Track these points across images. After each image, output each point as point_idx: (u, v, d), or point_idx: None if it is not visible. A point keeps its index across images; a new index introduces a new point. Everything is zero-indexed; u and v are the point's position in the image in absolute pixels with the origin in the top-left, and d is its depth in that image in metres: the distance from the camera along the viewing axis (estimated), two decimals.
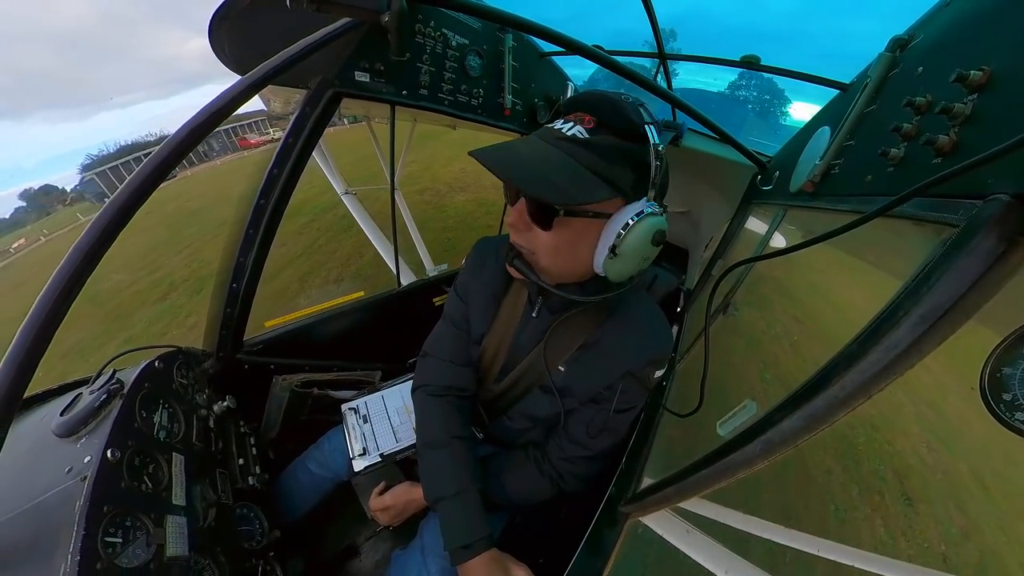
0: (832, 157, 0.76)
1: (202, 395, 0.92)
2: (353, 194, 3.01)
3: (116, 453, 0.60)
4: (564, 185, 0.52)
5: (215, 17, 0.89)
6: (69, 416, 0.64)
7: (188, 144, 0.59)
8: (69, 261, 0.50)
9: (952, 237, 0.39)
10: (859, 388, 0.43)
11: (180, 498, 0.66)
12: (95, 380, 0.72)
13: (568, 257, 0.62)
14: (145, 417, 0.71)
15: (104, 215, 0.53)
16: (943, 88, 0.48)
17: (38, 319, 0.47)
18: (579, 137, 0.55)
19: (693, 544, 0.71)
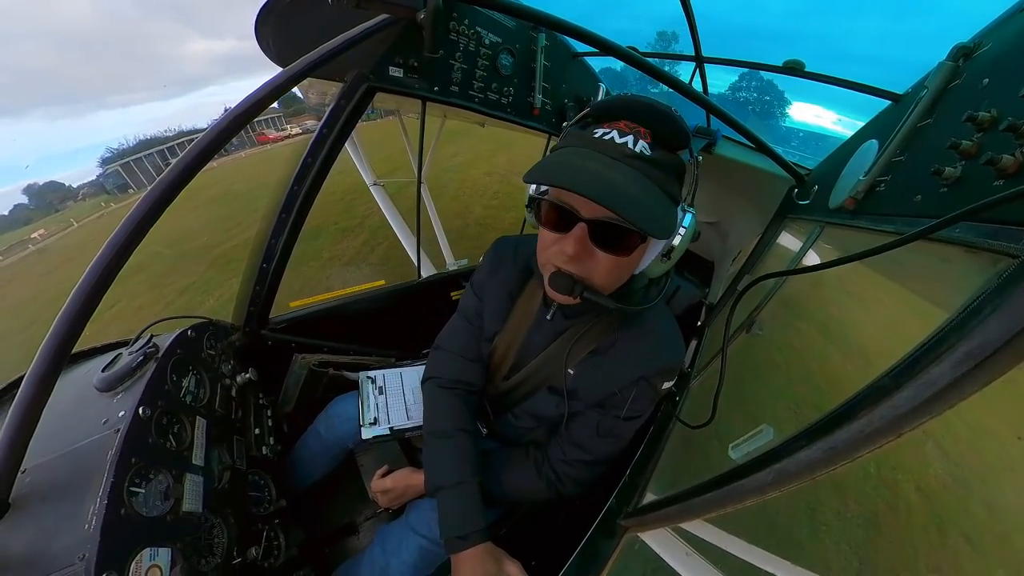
0: (878, 173, 0.70)
1: (227, 365, 0.98)
2: (381, 185, 3.11)
3: (147, 411, 0.65)
4: (659, 213, 0.54)
5: (261, 12, 0.95)
6: (109, 373, 0.70)
7: (232, 130, 0.63)
8: (121, 231, 0.55)
9: (1011, 269, 0.36)
10: (888, 424, 0.40)
11: (199, 459, 0.71)
12: (134, 343, 0.78)
13: (626, 272, 0.63)
14: (175, 381, 0.76)
15: (153, 192, 0.58)
16: (1012, 103, 0.44)
17: (90, 283, 0.52)
18: (646, 155, 0.54)
19: (691, 567, 0.69)
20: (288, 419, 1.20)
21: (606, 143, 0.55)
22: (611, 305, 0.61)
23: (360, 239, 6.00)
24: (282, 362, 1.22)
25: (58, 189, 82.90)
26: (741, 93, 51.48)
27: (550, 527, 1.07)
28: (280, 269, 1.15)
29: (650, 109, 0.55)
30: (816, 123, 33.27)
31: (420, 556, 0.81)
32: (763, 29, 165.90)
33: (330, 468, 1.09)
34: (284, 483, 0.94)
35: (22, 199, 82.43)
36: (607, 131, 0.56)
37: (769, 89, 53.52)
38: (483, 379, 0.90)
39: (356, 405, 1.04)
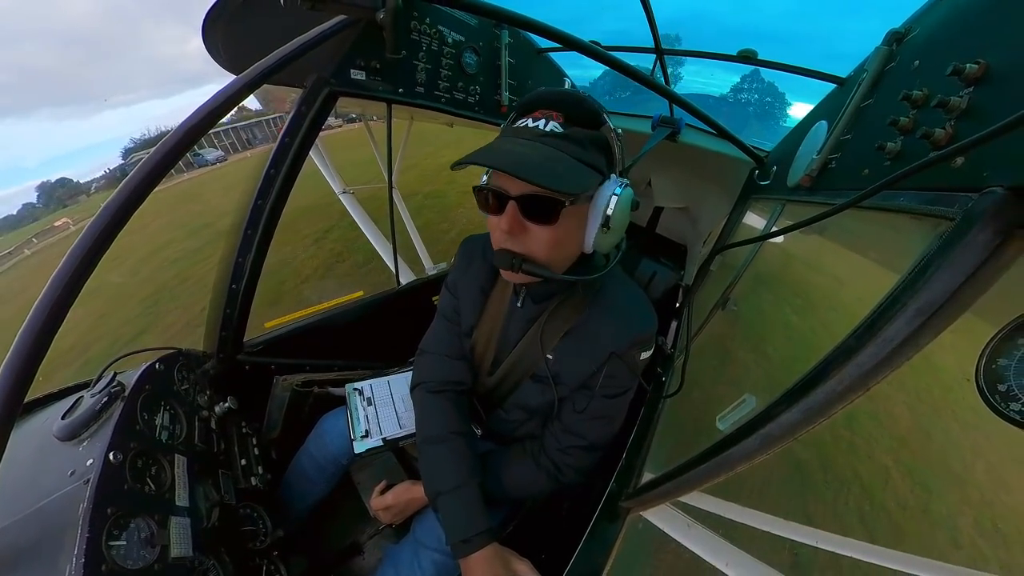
0: (829, 152, 0.76)
1: (203, 396, 0.92)
2: (351, 193, 3.00)
3: (118, 455, 0.60)
4: (570, 176, 0.57)
5: (208, 17, 0.89)
6: (71, 419, 0.64)
7: (185, 144, 0.59)
8: (67, 264, 0.50)
9: (948, 230, 0.39)
10: (856, 381, 0.44)
11: (183, 499, 0.66)
12: (96, 383, 0.72)
13: (565, 245, 0.65)
14: (147, 419, 0.71)
15: (100, 218, 0.53)
16: (939, 82, 0.48)
17: (37, 324, 0.47)
18: (557, 132, 0.60)
19: (694, 538, 0.72)
20: (275, 445, 1.14)
21: (522, 129, 0.62)
22: (552, 275, 0.65)
23: None
24: (262, 387, 1.16)
25: (67, 185, 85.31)
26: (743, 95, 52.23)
27: (555, 519, 1.08)
28: (251, 289, 1.09)
29: (561, 95, 0.62)
30: None
31: (436, 571, 0.80)
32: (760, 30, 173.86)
33: (326, 489, 1.06)
34: (279, 512, 0.90)
35: (32, 196, 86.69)
36: (525, 120, 0.63)
37: (770, 91, 54.14)
38: (470, 376, 0.90)
39: (346, 420, 1.01)
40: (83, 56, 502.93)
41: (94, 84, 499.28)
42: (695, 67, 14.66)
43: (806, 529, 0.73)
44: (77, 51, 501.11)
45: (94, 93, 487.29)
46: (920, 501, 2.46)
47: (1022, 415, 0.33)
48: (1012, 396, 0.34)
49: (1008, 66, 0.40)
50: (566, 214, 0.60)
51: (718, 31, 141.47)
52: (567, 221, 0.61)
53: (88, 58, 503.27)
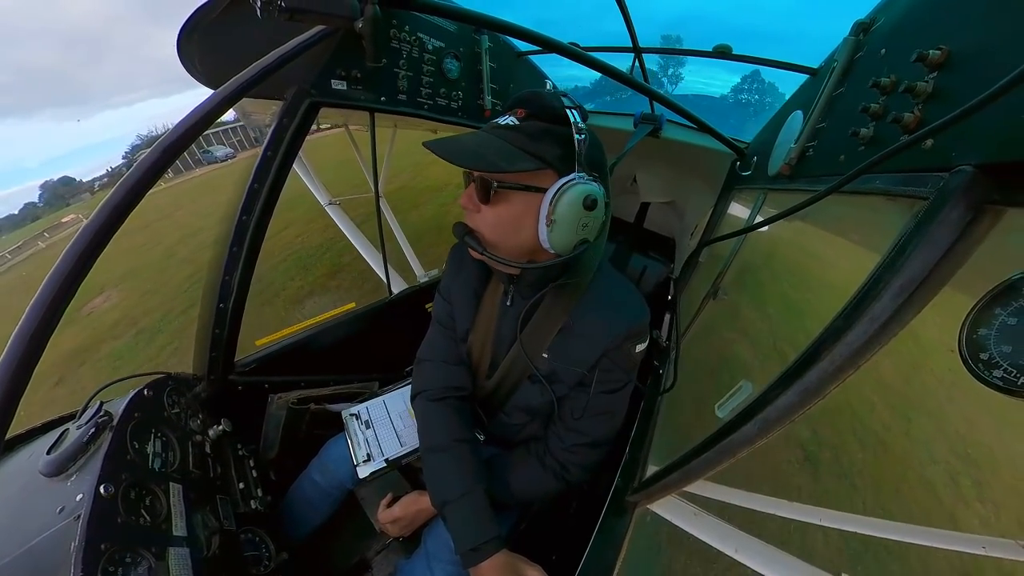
0: (806, 140, 0.78)
1: (196, 420, 0.90)
2: (337, 204, 2.97)
3: (109, 488, 0.57)
4: (492, 157, 0.60)
5: (183, 31, 0.87)
6: (56, 454, 0.61)
7: (164, 163, 0.57)
8: (47, 289, 0.48)
9: (923, 209, 0.41)
10: (847, 360, 0.45)
11: (181, 529, 0.64)
12: (81, 414, 0.69)
13: (511, 230, 0.66)
14: (137, 448, 0.68)
15: (79, 242, 0.51)
16: (905, 68, 0.50)
17: (16, 354, 0.45)
18: (511, 124, 0.63)
19: (702, 526, 0.73)
20: (274, 465, 1.12)
21: (492, 125, 0.65)
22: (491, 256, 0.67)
23: None
24: (257, 406, 1.13)
25: (70, 184, 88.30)
26: (743, 95, 53.12)
27: (563, 519, 1.08)
28: (239, 307, 1.06)
29: (531, 94, 0.64)
30: None
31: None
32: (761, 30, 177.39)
33: (330, 512, 1.04)
34: (282, 534, 0.88)
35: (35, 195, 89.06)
36: (502, 118, 0.65)
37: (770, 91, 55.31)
38: (470, 382, 0.89)
39: (347, 445, 1.00)
40: (85, 56, 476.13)
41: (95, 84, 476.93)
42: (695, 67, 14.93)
43: (809, 508, 0.74)
44: (78, 51, 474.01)
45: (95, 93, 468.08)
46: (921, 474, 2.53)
47: (1004, 381, 0.35)
48: (994, 363, 0.35)
49: (968, 50, 0.42)
50: (505, 198, 0.63)
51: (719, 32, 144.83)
52: (505, 206, 0.64)
53: (89, 58, 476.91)
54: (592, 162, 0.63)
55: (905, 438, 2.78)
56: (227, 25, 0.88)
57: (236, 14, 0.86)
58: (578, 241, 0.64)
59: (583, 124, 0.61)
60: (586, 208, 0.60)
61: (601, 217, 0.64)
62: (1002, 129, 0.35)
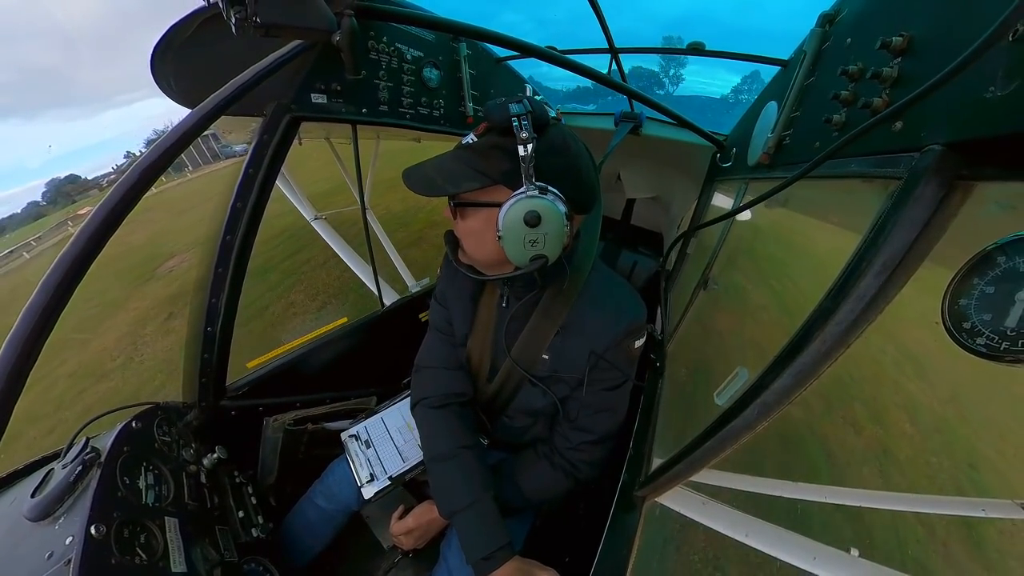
0: (782, 129, 0.81)
1: (188, 450, 0.86)
2: (323, 219, 2.93)
3: (101, 528, 0.55)
4: (440, 182, 0.63)
5: (156, 50, 0.85)
6: (41, 496, 0.58)
7: (144, 183, 0.56)
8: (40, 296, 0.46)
9: (898, 189, 0.43)
10: (838, 339, 0.46)
11: (180, 564, 0.61)
12: (66, 452, 0.66)
13: (478, 242, 0.68)
14: (128, 483, 0.66)
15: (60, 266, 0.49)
16: (871, 55, 0.52)
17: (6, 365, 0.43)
18: (468, 143, 0.64)
19: (710, 514, 0.73)
20: (273, 490, 1.08)
21: (457, 145, 0.67)
22: (468, 263, 0.72)
23: None
24: (252, 431, 1.10)
25: (76, 181, 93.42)
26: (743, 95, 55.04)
27: (573, 520, 1.08)
28: (228, 330, 1.03)
29: (489, 107, 0.62)
30: None
31: None
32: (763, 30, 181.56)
33: (333, 536, 1.01)
34: (286, 561, 0.85)
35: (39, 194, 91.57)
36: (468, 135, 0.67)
37: None
38: (471, 386, 0.89)
39: (348, 468, 0.98)
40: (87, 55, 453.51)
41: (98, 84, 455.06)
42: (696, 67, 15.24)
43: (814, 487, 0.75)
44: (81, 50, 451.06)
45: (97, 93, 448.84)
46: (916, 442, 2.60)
47: (987, 347, 0.36)
48: (976, 332, 0.36)
49: (929, 35, 0.44)
50: (465, 214, 0.67)
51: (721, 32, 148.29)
52: (471, 221, 0.67)
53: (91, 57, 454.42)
54: (553, 171, 0.60)
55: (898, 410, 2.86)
56: (202, 43, 0.86)
57: (211, 31, 0.85)
58: (532, 256, 0.62)
59: (528, 134, 0.56)
60: (528, 224, 0.58)
61: (557, 229, 0.60)
62: (966, 107, 0.36)
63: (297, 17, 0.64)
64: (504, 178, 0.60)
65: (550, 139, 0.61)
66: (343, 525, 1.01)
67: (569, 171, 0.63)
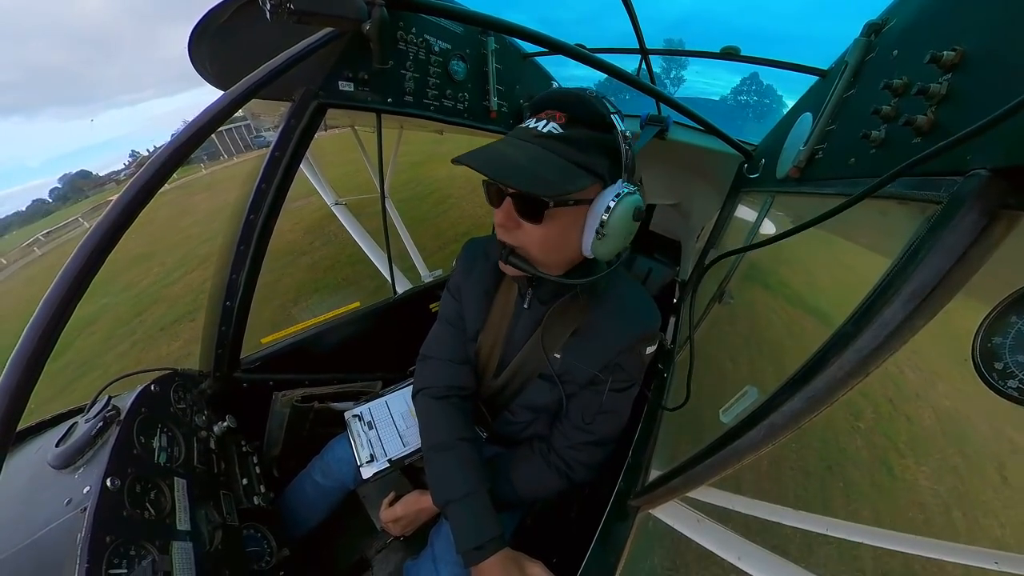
0: (815, 142, 0.77)
1: (201, 416, 0.91)
2: (344, 205, 2.99)
3: (116, 481, 0.58)
4: (552, 178, 0.56)
5: (194, 33, 0.88)
6: (65, 447, 0.62)
7: (174, 163, 0.58)
8: (58, 288, 0.49)
9: (936, 214, 0.40)
10: (856, 366, 0.44)
11: (185, 523, 0.65)
12: (90, 408, 0.70)
13: (559, 245, 0.65)
14: (144, 442, 0.69)
15: (92, 237, 0.52)
16: (918, 69, 0.49)
17: (28, 349, 0.46)
18: (555, 133, 0.59)
19: (704, 533, 0.72)
20: (277, 463, 1.12)
21: (524, 130, 0.62)
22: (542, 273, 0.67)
23: None
24: (261, 404, 1.14)
25: (88, 177, 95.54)
26: (742, 96, 55.67)
27: (565, 522, 1.07)
28: (246, 305, 1.08)
29: (568, 96, 0.60)
30: None
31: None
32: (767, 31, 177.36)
33: (330, 512, 1.04)
34: (283, 531, 0.89)
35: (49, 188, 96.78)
36: (530, 121, 0.63)
37: (768, 93, 57.88)
38: (474, 381, 0.90)
39: (349, 446, 1.00)
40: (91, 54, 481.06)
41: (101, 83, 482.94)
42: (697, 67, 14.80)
43: (815, 517, 0.73)
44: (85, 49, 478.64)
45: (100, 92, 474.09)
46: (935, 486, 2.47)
47: (1019, 391, 0.34)
48: (1009, 373, 0.34)
49: (983, 51, 0.41)
50: (555, 215, 0.60)
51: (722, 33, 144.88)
52: (558, 222, 0.62)
53: (95, 56, 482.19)
54: (633, 170, 0.63)
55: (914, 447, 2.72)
56: (237, 27, 0.89)
57: (246, 16, 0.87)
58: (621, 249, 0.65)
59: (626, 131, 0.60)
60: (635, 220, 0.61)
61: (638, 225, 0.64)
62: (1018, 131, 0.34)
63: (329, 5, 0.65)
64: (607, 175, 0.61)
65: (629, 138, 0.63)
66: (339, 502, 1.04)
67: (635, 170, 0.65)
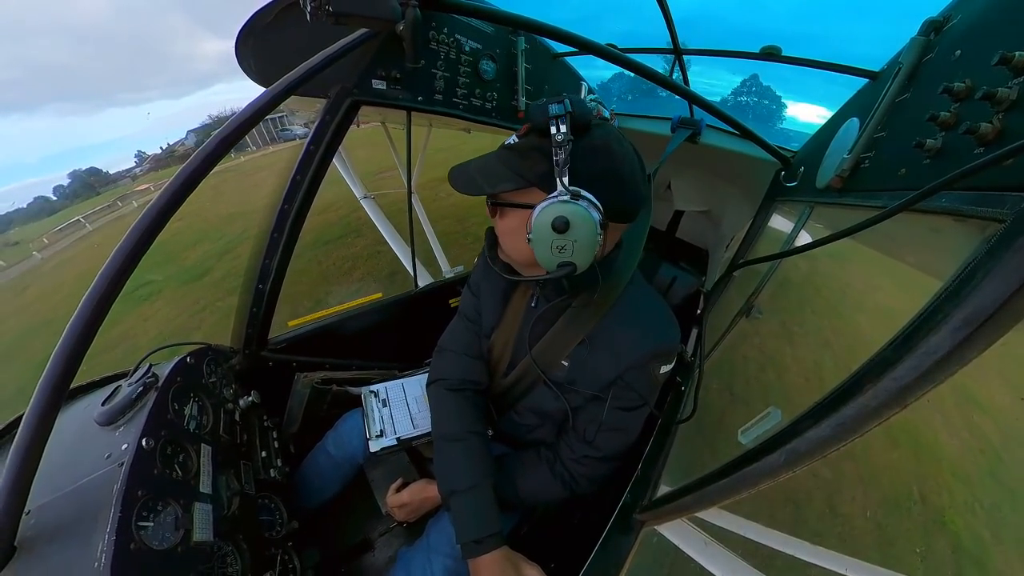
0: (862, 150, 0.71)
1: (229, 390, 0.97)
2: (372, 198, 3.11)
3: (150, 442, 0.64)
4: (479, 181, 0.64)
5: (241, 34, 0.95)
6: (109, 406, 0.69)
7: (219, 154, 0.63)
8: (114, 263, 0.54)
9: (997, 233, 0.36)
10: (893, 397, 0.40)
11: (207, 487, 0.70)
12: (132, 373, 0.77)
13: (513, 242, 0.69)
14: (177, 409, 0.75)
15: (143, 222, 0.57)
16: (985, 72, 0.44)
17: (85, 318, 0.51)
18: (510, 144, 0.65)
19: (711, 556, 0.68)
20: (294, 439, 1.18)
21: (501, 146, 0.67)
22: (504, 260, 0.72)
23: None
24: (284, 382, 1.21)
25: (98, 174, 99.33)
26: (742, 97, 55.47)
27: (566, 527, 1.06)
28: (276, 289, 1.14)
29: (533, 108, 0.60)
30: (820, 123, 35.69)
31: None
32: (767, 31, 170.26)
33: (341, 485, 1.08)
34: (295, 504, 0.93)
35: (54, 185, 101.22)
36: None
37: (767, 94, 57.25)
38: (487, 377, 0.90)
39: (362, 420, 1.04)
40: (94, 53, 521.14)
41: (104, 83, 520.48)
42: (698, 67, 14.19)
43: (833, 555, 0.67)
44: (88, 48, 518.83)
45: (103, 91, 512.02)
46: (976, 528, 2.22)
47: None
48: None
49: None
50: (502, 213, 0.68)
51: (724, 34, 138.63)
52: (507, 221, 0.68)
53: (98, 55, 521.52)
54: (591, 175, 0.58)
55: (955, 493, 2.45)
56: (279, 28, 0.95)
57: (288, 18, 0.93)
58: (559, 262, 0.60)
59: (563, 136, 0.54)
60: (555, 230, 0.56)
61: (588, 238, 0.57)
62: None
63: (366, 6, 0.68)
64: (540, 180, 0.59)
65: (591, 141, 0.58)
66: (349, 476, 1.08)
67: (609, 175, 0.60)
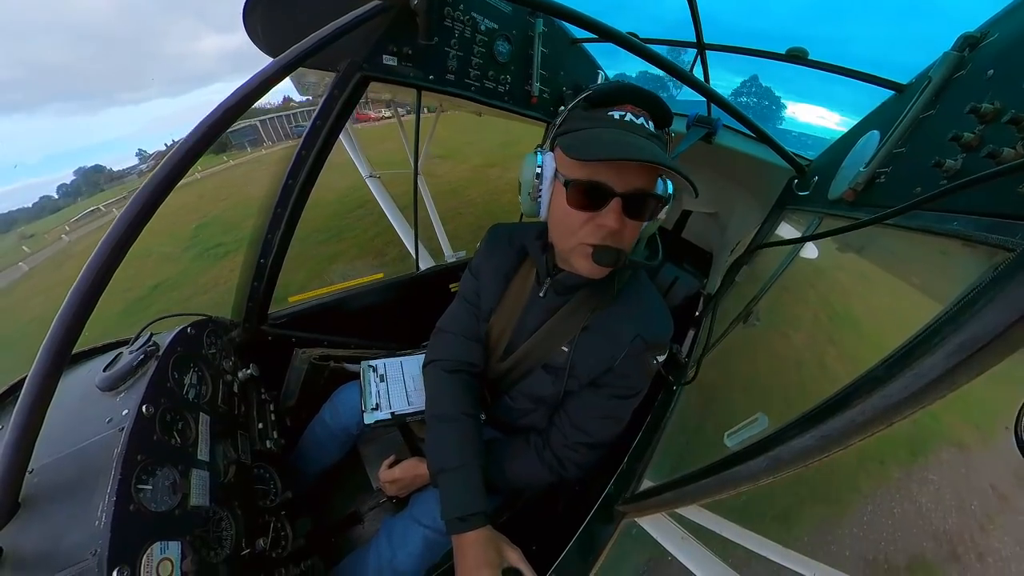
0: (879, 164, 0.70)
1: (228, 362, 0.98)
2: (377, 178, 3.06)
3: (150, 408, 0.65)
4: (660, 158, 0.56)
5: (248, 1, 0.91)
6: (111, 372, 0.70)
7: (222, 124, 0.62)
8: (117, 229, 0.54)
9: (1006, 262, 0.36)
10: (880, 413, 0.41)
11: (204, 454, 0.71)
12: (134, 341, 0.78)
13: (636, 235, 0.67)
14: (177, 378, 0.77)
15: (147, 188, 0.56)
16: (1016, 95, 0.43)
17: (87, 282, 0.51)
18: (655, 132, 0.62)
19: (686, 551, 0.71)
20: (291, 413, 1.21)
21: (630, 124, 0.60)
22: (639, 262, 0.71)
23: None
24: (283, 357, 1.22)
25: (102, 171, 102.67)
26: (742, 98, 55.08)
27: (550, 514, 1.10)
28: (278, 264, 1.14)
29: (645, 94, 0.62)
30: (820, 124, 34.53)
31: (425, 546, 0.83)
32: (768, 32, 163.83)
33: (336, 456, 1.11)
34: (289, 476, 0.96)
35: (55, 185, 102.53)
36: (623, 113, 0.61)
37: (767, 95, 57.30)
38: (483, 360, 0.91)
39: (359, 393, 1.06)
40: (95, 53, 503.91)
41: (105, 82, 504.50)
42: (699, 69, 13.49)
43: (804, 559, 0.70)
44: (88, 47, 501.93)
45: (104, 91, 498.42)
46: None
47: None
48: None
49: None
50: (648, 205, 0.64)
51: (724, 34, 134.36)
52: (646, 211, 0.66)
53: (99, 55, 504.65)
54: None
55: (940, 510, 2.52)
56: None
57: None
58: None
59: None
60: None
61: None
62: None
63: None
64: None
65: None
66: (343, 447, 1.11)
67: None
